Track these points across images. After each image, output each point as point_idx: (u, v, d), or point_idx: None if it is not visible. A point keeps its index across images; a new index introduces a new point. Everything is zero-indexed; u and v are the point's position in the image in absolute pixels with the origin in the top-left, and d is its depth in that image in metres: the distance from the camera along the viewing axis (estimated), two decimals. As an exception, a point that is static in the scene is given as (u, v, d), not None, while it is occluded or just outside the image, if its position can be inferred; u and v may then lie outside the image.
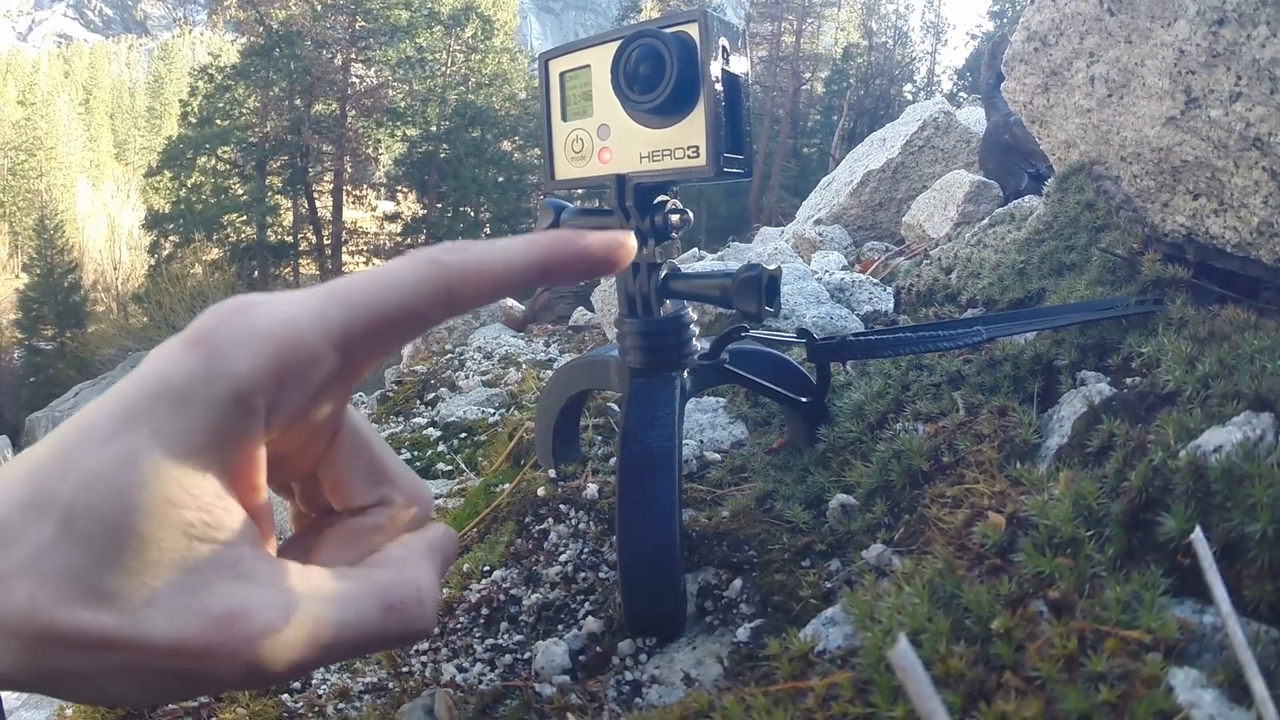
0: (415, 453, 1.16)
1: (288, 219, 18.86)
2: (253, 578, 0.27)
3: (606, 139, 0.57)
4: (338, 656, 0.29)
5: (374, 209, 21.58)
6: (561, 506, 0.69)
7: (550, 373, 1.35)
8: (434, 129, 19.11)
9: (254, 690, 0.52)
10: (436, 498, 0.95)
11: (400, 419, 1.43)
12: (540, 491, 0.72)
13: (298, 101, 17.89)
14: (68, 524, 0.25)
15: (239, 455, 0.28)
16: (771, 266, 0.55)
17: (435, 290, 0.32)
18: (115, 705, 0.54)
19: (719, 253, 2.11)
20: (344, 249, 19.49)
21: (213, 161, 17.68)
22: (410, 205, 20.88)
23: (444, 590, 0.64)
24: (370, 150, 19.66)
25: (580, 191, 0.82)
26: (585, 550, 0.63)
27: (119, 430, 0.26)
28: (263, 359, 0.28)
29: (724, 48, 0.52)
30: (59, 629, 0.24)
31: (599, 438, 0.87)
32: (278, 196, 18.41)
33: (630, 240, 0.38)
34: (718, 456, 0.78)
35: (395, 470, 0.35)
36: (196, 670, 0.26)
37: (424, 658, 0.56)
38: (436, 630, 0.59)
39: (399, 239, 20.13)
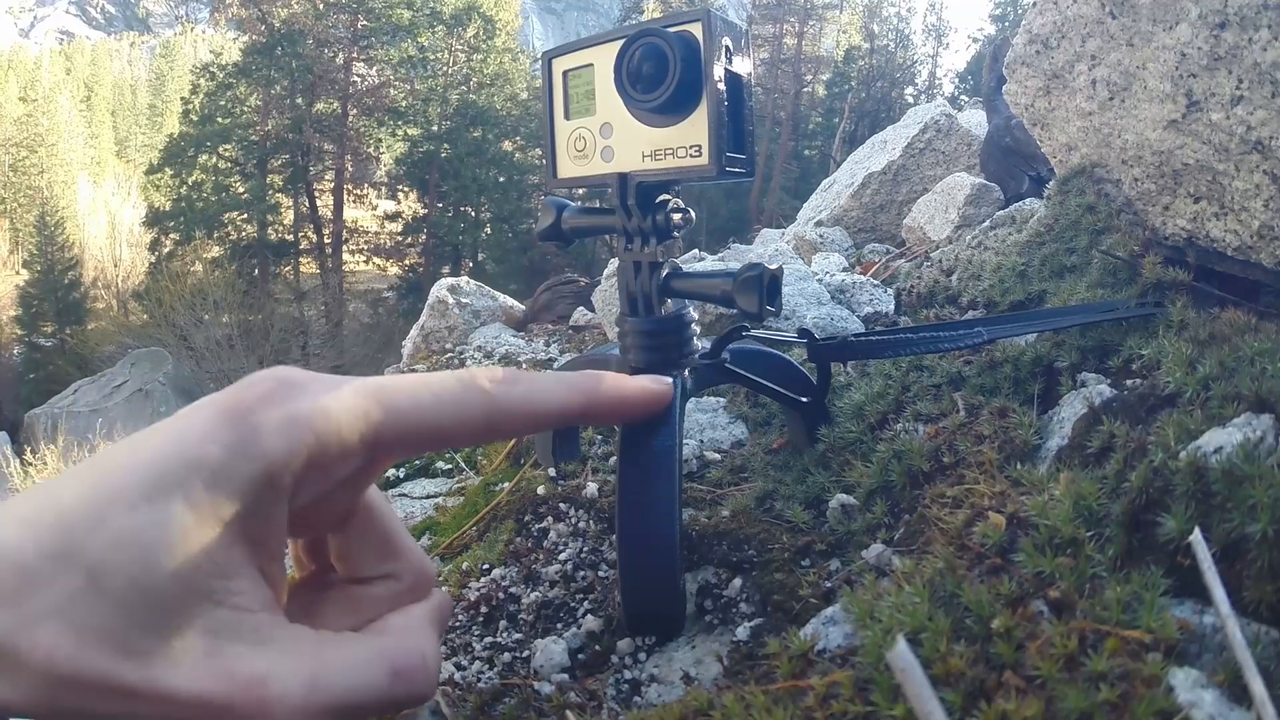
0: (415, 451, 1.16)
1: (288, 217, 18.86)
2: (271, 643, 0.29)
3: (609, 138, 0.57)
4: (346, 718, 0.31)
5: (375, 208, 21.60)
6: (561, 505, 0.69)
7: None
8: (435, 128, 19.11)
9: None
10: (435, 496, 0.95)
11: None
12: (540, 490, 0.72)
13: (299, 100, 17.89)
14: (96, 580, 0.26)
15: (263, 528, 0.30)
16: (773, 266, 0.55)
17: (477, 419, 0.33)
18: None
19: (719, 254, 2.11)
20: (344, 248, 19.49)
21: (214, 159, 17.69)
22: (411, 205, 20.87)
23: (442, 589, 0.64)
24: (371, 149, 19.68)
25: (581, 190, 0.82)
26: (585, 549, 0.63)
27: (152, 495, 0.27)
28: (299, 448, 0.29)
29: (727, 48, 0.52)
30: (84, 677, 0.25)
31: (599, 437, 0.87)
32: (278, 195, 18.41)
33: (669, 393, 0.40)
34: (718, 456, 0.78)
35: (404, 548, 0.36)
36: None
37: (423, 655, 0.56)
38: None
39: (399, 238, 20.14)
